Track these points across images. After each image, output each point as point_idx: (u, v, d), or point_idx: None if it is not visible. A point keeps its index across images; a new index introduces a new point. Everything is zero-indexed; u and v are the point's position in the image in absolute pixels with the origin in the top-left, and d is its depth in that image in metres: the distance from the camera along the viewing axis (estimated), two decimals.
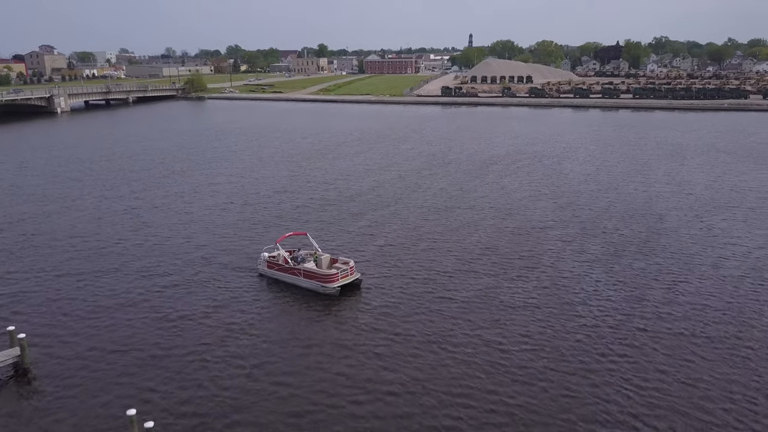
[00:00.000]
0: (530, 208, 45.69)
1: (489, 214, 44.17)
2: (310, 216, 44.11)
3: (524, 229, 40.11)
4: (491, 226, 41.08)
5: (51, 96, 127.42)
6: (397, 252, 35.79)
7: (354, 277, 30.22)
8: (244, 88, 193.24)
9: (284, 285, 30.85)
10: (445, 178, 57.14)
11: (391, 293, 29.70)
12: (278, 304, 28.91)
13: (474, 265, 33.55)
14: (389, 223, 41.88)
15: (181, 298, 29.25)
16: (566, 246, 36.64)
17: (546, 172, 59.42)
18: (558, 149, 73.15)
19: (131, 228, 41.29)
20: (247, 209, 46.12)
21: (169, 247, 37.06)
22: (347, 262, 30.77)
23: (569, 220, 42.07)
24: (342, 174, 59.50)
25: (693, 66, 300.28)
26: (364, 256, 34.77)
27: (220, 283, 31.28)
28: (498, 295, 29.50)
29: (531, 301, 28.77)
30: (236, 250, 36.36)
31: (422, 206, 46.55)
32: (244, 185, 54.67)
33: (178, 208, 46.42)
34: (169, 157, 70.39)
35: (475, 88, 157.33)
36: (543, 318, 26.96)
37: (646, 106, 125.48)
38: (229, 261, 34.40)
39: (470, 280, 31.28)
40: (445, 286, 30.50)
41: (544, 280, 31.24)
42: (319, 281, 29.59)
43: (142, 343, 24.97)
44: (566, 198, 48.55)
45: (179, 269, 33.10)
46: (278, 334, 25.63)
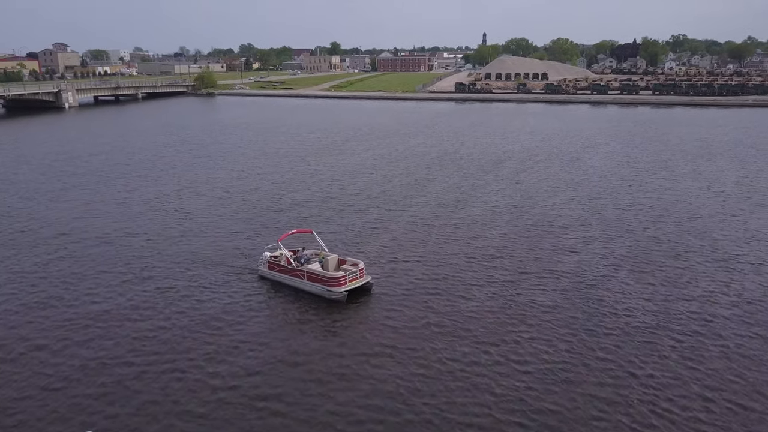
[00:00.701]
0: (548, 205, 42.50)
1: (504, 210, 41.06)
2: (314, 212, 41.27)
3: (542, 228, 36.95)
4: (506, 223, 37.97)
5: (59, 91, 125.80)
6: (407, 251, 32.79)
7: (364, 280, 26.99)
8: (255, 84, 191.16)
9: (286, 288, 27.66)
10: (457, 173, 54.05)
11: (402, 300, 26.40)
12: (278, 312, 25.63)
13: (489, 267, 30.47)
14: (397, 220, 38.92)
15: (169, 305, 26.30)
16: (588, 246, 33.44)
17: (564, 167, 56.12)
18: (576, 145, 69.73)
19: (119, 224, 38.68)
20: (247, 205, 43.39)
21: (159, 245, 34.32)
22: (356, 263, 27.54)
23: (591, 218, 38.84)
24: (349, 169, 56.63)
25: (712, 64, 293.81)
26: (371, 256, 31.82)
27: (214, 286, 28.22)
28: (517, 302, 26.42)
29: (552, 308, 25.65)
30: (234, 249, 33.39)
31: (432, 202, 43.55)
32: (244, 180, 51.97)
33: (173, 204, 43.77)
34: (169, 152, 67.93)
35: (489, 85, 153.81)
36: (566, 326, 23.85)
37: (667, 102, 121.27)
38: (225, 261, 31.39)
39: (486, 286, 28.18)
40: (458, 293, 27.37)
41: (566, 284, 28.09)
42: (325, 285, 26.42)
43: (116, 357, 22.14)
44: (587, 194, 45.28)
45: (168, 270, 30.25)
46: (274, 351, 22.21)
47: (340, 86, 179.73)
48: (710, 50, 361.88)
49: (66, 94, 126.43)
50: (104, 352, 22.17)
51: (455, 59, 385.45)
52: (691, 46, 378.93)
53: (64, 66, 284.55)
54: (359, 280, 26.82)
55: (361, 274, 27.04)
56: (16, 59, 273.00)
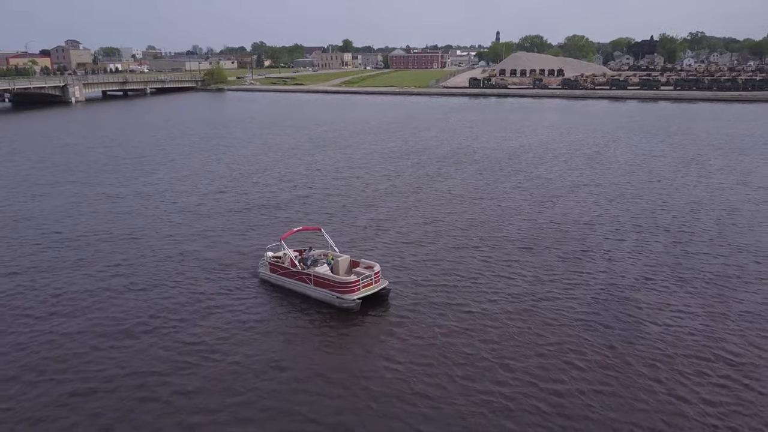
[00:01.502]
0: (571, 199, 39.00)
1: (523, 206, 37.62)
2: (319, 208, 38.10)
3: (566, 225, 33.48)
4: (526, 220, 34.53)
5: (65, 85, 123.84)
6: (420, 251, 29.46)
7: (380, 285, 23.38)
8: (265, 80, 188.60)
9: (290, 294, 24.21)
10: (472, 167, 50.63)
11: (419, 308, 22.84)
12: (278, 322, 22.02)
13: (510, 269, 27.06)
14: (407, 216, 35.63)
15: (152, 310, 23.12)
16: (619, 244, 29.95)
17: (586, 161, 52.48)
18: (597, 139, 65.95)
19: (106, 218, 35.75)
20: (247, 200, 40.31)
21: (145, 244, 31.21)
22: (371, 266, 23.91)
23: (619, 215, 35.29)
24: (356, 163, 53.42)
25: (732, 61, 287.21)
26: (381, 256, 28.58)
27: (207, 290, 24.76)
28: (542, 309, 23.04)
29: (582, 316, 22.24)
30: (231, 247, 29.92)
31: (445, 197, 40.20)
32: (245, 174, 48.93)
33: (166, 199, 40.78)
34: (169, 145, 65.12)
35: (504, 80, 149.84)
36: (600, 337, 20.45)
37: (689, 97, 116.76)
38: (221, 261, 27.82)
39: (508, 291, 24.76)
40: (479, 299, 23.88)
41: (596, 289, 24.65)
42: (335, 290, 22.83)
43: (79, 371, 19.12)
44: (613, 190, 41.69)
45: (156, 270, 27.05)
46: (270, 370, 18.82)
47: (351, 82, 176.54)
48: (729, 47, 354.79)
49: (72, 88, 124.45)
50: (66, 363, 19.15)
51: (468, 57, 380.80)
52: (710, 44, 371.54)
53: (76, 63, 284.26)
54: (374, 286, 23.16)
55: (377, 279, 23.38)
56: (29, 56, 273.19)
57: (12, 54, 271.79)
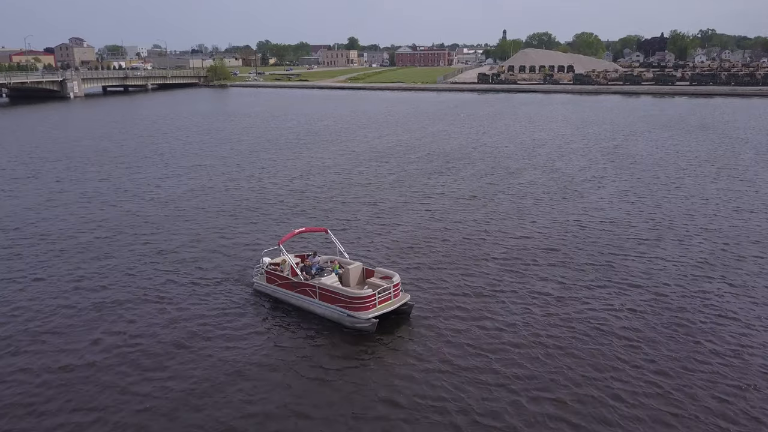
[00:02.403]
0: (595, 196, 35.21)
1: (542, 203, 33.86)
2: (319, 204, 34.50)
3: (591, 223, 29.71)
4: (547, 218, 30.78)
5: (63, 80, 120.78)
6: (433, 256, 25.68)
7: (400, 300, 19.31)
8: (270, 77, 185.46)
9: (290, 309, 20.18)
10: (483, 160, 46.91)
11: (441, 324, 18.84)
12: (274, 347, 17.67)
13: (535, 274, 23.30)
14: (416, 215, 31.95)
15: (122, 331, 19.49)
16: (657, 246, 26.16)
17: (606, 155, 48.64)
18: (615, 132, 62.04)
19: (81, 218, 32.26)
20: (241, 195, 36.74)
21: (117, 245, 27.65)
22: (389, 276, 19.86)
23: (651, 212, 31.50)
24: (360, 157, 49.79)
25: (745, 58, 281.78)
26: (389, 263, 24.94)
27: (192, 304, 20.72)
28: (578, 322, 19.33)
29: (625, 333, 18.52)
30: (221, 251, 25.86)
31: (456, 193, 36.51)
32: (239, 168, 45.41)
33: (148, 195, 37.29)
34: (161, 139, 61.67)
35: (513, 75, 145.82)
36: (650, 362, 16.74)
37: (706, 92, 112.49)
38: (208, 268, 23.88)
39: (534, 300, 21.08)
40: (506, 315, 20.00)
41: (637, 300, 20.90)
42: (345, 306, 18.74)
43: (35, 403, 15.61)
44: (640, 185, 37.88)
45: (131, 279, 23.28)
46: (261, 416, 15.35)
47: (356, 78, 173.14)
48: (740, 45, 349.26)
49: (71, 83, 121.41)
50: (17, 390, 15.63)
51: (475, 54, 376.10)
52: (720, 41, 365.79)
53: (80, 61, 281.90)
54: (394, 301, 19.15)
55: (397, 292, 19.35)
56: (32, 53, 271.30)
57: (15, 51, 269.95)
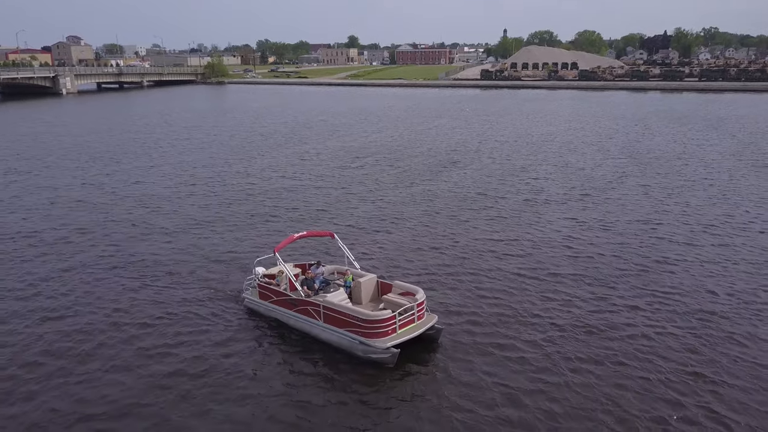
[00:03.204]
0: (617, 192, 32.02)
1: (557, 200, 30.67)
2: (313, 203, 31.37)
3: (616, 224, 26.50)
4: (566, 217, 27.59)
5: (56, 76, 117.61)
6: (442, 262, 22.55)
7: (426, 323, 15.56)
8: (268, 74, 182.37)
9: (288, 333, 16.42)
10: (490, 156, 43.75)
11: (463, 347, 15.40)
12: (268, 384, 13.90)
13: (559, 284, 20.04)
14: (422, 215, 28.81)
15: (71, 348, 16.52)
16: (694, 251, 22.96)
17: (622, 150, 45.45)
18: (628, 127, 58.86)
19: (45, 217, 29.13)
20: (230, 194, 33.58)
21: (86, 250, 24.58)
22: (411, 292, 16.07)
23: (682, 212, 28.33)
24: (359, 152, 46.65)
25: (749, 55, 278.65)
26: (392, 267, 21.78)
27: (164, 323, 17.14)
28: (613, 343, 16.16)
29: (670, 354, 15.35)
30: (207, 258, 22.29)
31: (463, 191, 33.35)
32: (229, 163, 42.29)
33: (126, 191, 34.15)
34: (149, 136, 58.53)
35: (517, 72, 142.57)
36: (706, 389, 13.57)
37: (717, 88, 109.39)
38: (191, 277, 20.42)
39: (563, 315, 17.91)
40: (532, 333, 16.81)
41: (678, 311, 17.73)
42: (357, 331, 14.92)
43: None
44: (665, 181, 34.71)
45: (89, 291, 19.97)
46: None
47: (357, 75, 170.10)
48: (743, 43, 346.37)
49: (63, 79, 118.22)
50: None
51: (476, 53, 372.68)
52: (723, 40, 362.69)
53: (78, 59, 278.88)
54: (418, 324, 15.43)
55: (421, 313, 15.65)
56: (29, 52, 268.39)
57: (12, 50, 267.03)
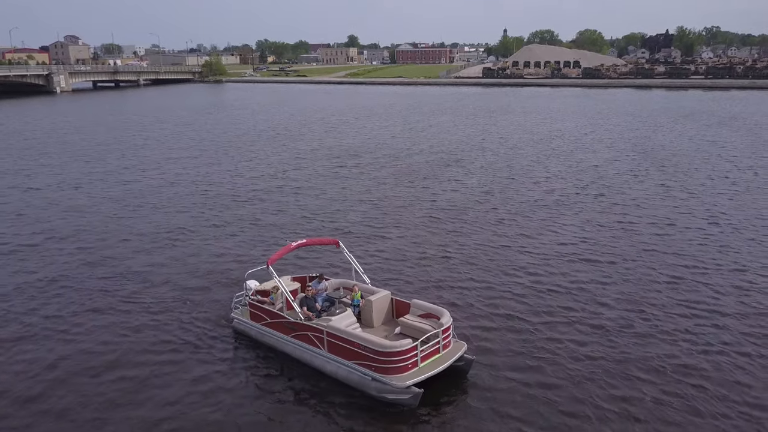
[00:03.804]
0: (633, 191, 29.70)
1: (570, 199, 28.33)
2: (311, 209, 29.07)
3: (638, 225, 24.16)
4: (580, 219, 25.21)
5: (49, 74, 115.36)
6: (451, 272, 20.26)
7: (454, 354, 12.64)
8: (267, 72, 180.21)
9: (285, 362, 13.57)
10: (495, 153, 41.45)
11: (508, 392, 12.38)
12: (257, 427, 11.42)
13: (585, 301, 17.61)
14: (421, 218, 26.51)
15: (32, 400, 14.17)
16: (730, 254, 20.65)
17: (635, 147, 43.13)
18: (637, 124, 56.52)
19: (18, 221, 26.83)
20: (218, 198, 31.25)
21: (53, 254, 22.28)
22: (434, 314, 13.20)
23: (708, 210, 26.02)
24: (356, 149, 44.35)
25: (752, 54, 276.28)
26: (396, 273, 19.46)
27: (137, 348, 14.50)
28: (653, 375, 13.84)
29: (726, 390, 13.03)
30: (191, 269, 19.50)
31: (471, 190, 31.06)
32: (218, 163, 40.00)
33: (105, 191, 31.84)
34: (137, 132, 56.24)
35: (519, 70, 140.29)
36: None
37: (724, 85, 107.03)
38: (169, 292, 17.60)
39: (592, 338, 15.58)
40: (560, 363, 14.33)
41: (732, 325, 15.42)
42: (370, 365, 12.13)
43: None
44: (685, 178, 32.40)
45: (61, 308, 17.66)
46: None
47: (356, 74, 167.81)
48: (745, 42, 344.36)
49: (57, 77, 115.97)
50: None
51: (477, 52, 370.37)
52: (725, 39, 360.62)
53: (76, 59, 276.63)
54: (445, 355, 12.54)
55: (448, 340, 12.71)
56: (26, 51, 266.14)
57: (8, 49, 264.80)
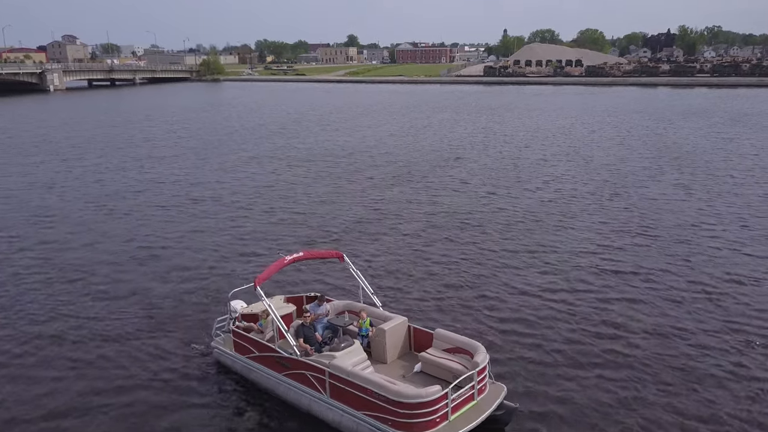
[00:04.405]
0: (652, 191, 27.52)
1: (585, 201, 26.11)
2: (304, 214, 26.82)
3: (663, 229, 21.96)
4: (597, 221, 22.99)
5: (42, 72, 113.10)
6: (456, 281, 18.08)
7: (493, 401, 10.15)
8: (265, 71, 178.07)
9: (277, 406, 11.06)
10: (500, 152, 39.25)
11: None
12: None
13: (633, 323, 15.58)
14: (421, 224, 24.27)
15: None
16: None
17: (649, 143, 40.91)
18: (647, 122, 54.22)
19: None
20: (201, 203, 28.96)
21: (8, 270, 20.04)
22: (467, 350, 10.67)
23: (739, 213, 23.79)
24: (353, 147, 42.14)
25: (755, 53, 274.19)
26: (397, 291, 17.24)
27: (97, 391, 11.79)
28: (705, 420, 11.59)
29: None
30: (165, 292, 16.43)
31: (469, 189, 28.83)
32: (204, 162, 37.76)
33: (79, 191, 29.61)
34: (123, 129, 54.02)
35: (522, 68, 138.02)
36: None
37: (731, 83, 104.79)
38: (141, 318, 14.84)
39: (661, 382, 13.39)
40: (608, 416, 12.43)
41: None
42: (386, 418, 9.52)
43: None
44: (710, 177, 30.18)
45: (13, 330, 15.61)
46: None
47: (356, 72, 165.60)
48: (747, 42, 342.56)
49: (51, 75, 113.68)
50: None
51: (477, 52, 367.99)
52: (727, 38, 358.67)
53: (74, 58, 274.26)
54: (482, 403, 10.08)
55: (484, 384, 10.29)
56: (24, 50, 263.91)
57: (5, 49, 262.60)
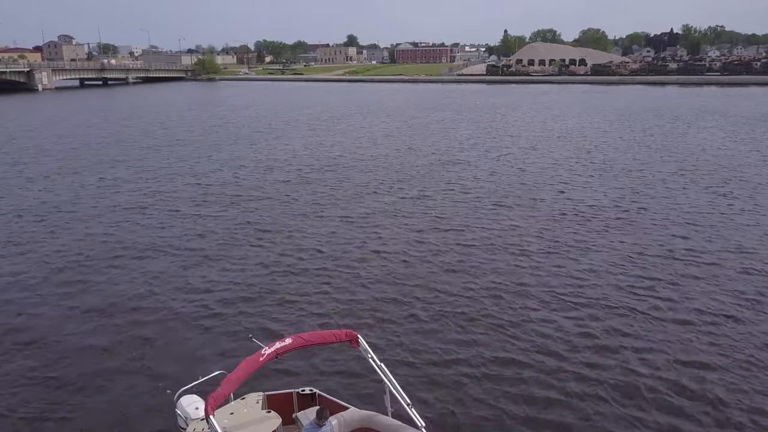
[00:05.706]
0: (687, 202, 23.91)
1: (607, 216, 22.51)
2: (283, 242, 23.21)
3: (709, 254, 18.43)
4: (629, 244, 19.39)
5: (30, 71, 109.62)
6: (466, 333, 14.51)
7: None
8: (263, 71, 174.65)
9: None
10: (505, 155, 35.69)
11: None
12: None
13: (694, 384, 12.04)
14: (415, 243, 20.71)
15: None
16: None
17: (669, 146, 37.33)
18: (661, 122, 50.63)
19: None
20: (151, 231, 25.34)
21: None
22: None
23: None
24: (349, 148, 38.61)
25: (759, 53, 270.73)
26: None
27: None
28: None
29: None
30: (80, 380, 12.03)
31: (471, 193, 25.26)
32: (191, 164, 34.24)
33: (11, 203, 26.08)
34: (100, 129, 50.54)
35: (525, 67, 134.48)
36: None
37: (742, 82, 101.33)
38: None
39: None
40: None
41: None
42: None
43: None
44: (753, 188, 26.61)
45: None
46: None
47: (356, 72, 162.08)
48: (750, 42, 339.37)
49: (39, 74, 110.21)
50: None
51: (478, 52, 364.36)
52: (730, 38, 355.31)
53: (70, 58, 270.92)
54: None
55: None
56: (19, 50, 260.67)
57: (1, 48, 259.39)
